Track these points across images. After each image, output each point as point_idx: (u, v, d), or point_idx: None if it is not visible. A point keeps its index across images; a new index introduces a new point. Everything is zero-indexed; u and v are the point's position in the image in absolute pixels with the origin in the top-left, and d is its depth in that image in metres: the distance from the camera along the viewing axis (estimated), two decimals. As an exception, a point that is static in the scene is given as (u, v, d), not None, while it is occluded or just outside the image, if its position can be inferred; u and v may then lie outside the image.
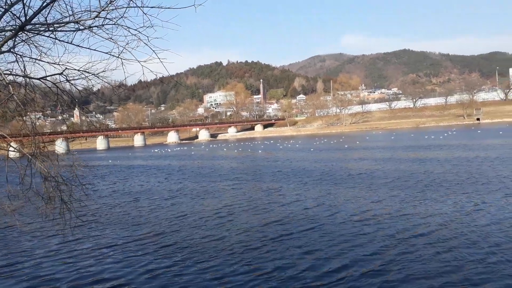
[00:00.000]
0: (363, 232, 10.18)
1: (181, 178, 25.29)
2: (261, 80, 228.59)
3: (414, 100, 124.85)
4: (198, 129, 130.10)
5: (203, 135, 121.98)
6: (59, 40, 4.96)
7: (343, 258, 8.37)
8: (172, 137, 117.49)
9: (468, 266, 7.48)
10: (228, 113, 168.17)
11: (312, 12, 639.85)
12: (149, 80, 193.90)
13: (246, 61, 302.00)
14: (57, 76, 5.15)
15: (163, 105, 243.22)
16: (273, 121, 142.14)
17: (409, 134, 61.97)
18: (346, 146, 46.00)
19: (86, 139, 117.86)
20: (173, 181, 24.36)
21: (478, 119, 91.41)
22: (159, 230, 12.09)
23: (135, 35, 4.81)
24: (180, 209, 15.14)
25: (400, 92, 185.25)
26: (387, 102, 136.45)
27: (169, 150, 69.01)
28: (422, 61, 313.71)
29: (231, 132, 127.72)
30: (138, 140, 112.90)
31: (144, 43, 4.82)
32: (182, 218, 13.49)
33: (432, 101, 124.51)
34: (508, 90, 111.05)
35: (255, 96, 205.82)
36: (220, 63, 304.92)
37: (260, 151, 48.03)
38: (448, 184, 16.26)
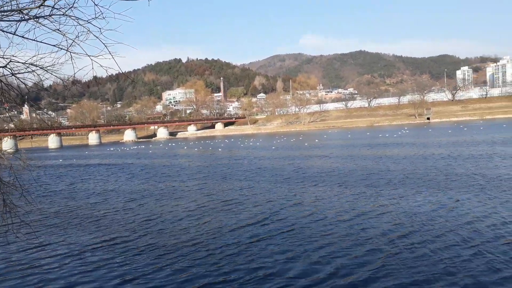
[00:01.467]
0: (335, 231, 10.32)
1: (144, 178, 24.59)
2: (221, 78, 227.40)
3: (369, 100, 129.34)
4: (156, 127, 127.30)
5: (162, 133, 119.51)
6: (2, 31, 4.55)
7: (318, 259, 8.45)
8: (129, 135, 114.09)
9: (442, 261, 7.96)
10: (188, 111, 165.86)
11: (272, 12, 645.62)
12: (104, 76, 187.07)
13: (206, 59, 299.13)
14: (1, 70, 4.73)
15: (119, 102, 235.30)
16: (233, 119, 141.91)
17: (365, 132, 64.09)
18: (306, 144, 46.80)
19: (32, 137, 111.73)
20: (135, 181, 23.70)
21: (428, 118, 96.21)
22: (126, 233, 11.56)
23: (84, 26, 4.48)
24: (147, 210, 14.63)
25: (356, 92, 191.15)
26: (343, 102, 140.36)
27: (126, 149, 67.02)
28: (376, 63, 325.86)
29: (191, 131, 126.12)
30: (92, 138, 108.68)
31: (95, 36, 4.51)
32: (150, 220, 13.01)
33: (385, 101, 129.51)
34: (455, 91, 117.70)
35: (215, 94, 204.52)
36: (180, 60, 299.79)
37: (220, 150, 47.80)
38: (412, 180, 16.96)
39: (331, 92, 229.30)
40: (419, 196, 13.70)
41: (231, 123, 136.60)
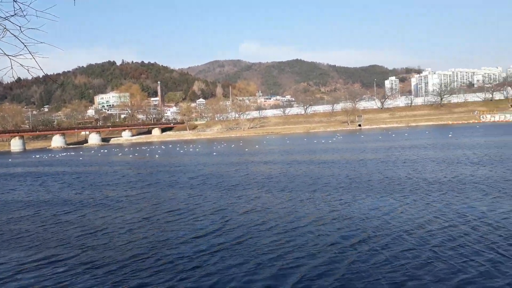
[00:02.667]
0: (290, 240, 10.06)
1: (79, 188, 22.44)
2: (158, 82, 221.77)
3: (305, 107, 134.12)
4: (87, 132, 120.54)
5: (94, 139, 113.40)
6: None
7: (277, 271, 8.06)
8: (57, 141, 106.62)
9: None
10: (123, 116, 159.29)
11: (212, 17, 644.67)
12: (30, 78, 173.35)
13: (143, 62, 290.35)
14: None
15: (47, 106, 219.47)
16: (172, 125, 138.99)
17: (303, 138, 66.06)
18: (247, 149, 47.11)
19: None
20: (70, 191, 21.61)
21: (359, 125, 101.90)
22: (65, 249, 10.34)
23: (1, 24, 4.12)
24: (86, 223, 13.31)
25: (293, 99, 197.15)
26: (281, 109, 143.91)
27: (54, 156, 62.47)
28: (312, 71, 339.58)
29: (126, 136, 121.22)
30: (15, 144, 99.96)
31: (13, 34, 4.15)
32: (90, 233, 11.80)
33: (320, 108, 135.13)
34: (384, 100, 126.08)
35: (152, 99, 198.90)
36: (114, 63, 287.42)
37: (158, 156, 46.42)
38: (358, 185, 17.38)
39: (270, 99, 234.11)
40: (368, 200, 13.88)
41: (169, 129, 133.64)
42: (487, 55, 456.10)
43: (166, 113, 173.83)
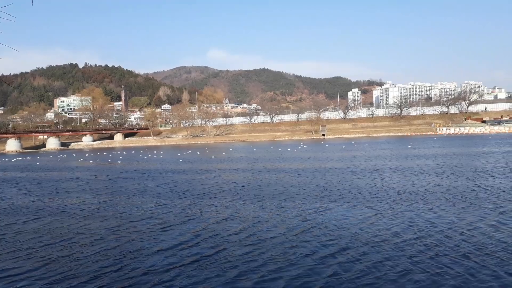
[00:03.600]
0: (267, 249, 9.89)
1: (38, 195, 21.13)
2: (122, 87, 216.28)
3: (272, 116, 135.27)
4: (46, 136, 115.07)
5: (52, 143, 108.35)
6: None
7: (253, 284, 7.84)
8: (12, 145, 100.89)
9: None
10: (84, 120, 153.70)
11: (179, 23, 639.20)
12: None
13: (106, 65, 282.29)
14: None
15: (1, 108, 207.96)
16: (135, 130, 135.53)
17: (270, 146, 66.34)
18: (213, 157, 46.57)
19: None
20: (28, 197, 20.29)
21: (323, 134, 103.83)
22: (27, 262, 9.55)
23: None
24: (48, 232, 12.37)
25: (260, 108, 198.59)
26: (248, 117, 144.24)
27: (9, 160, 58.93)
28: (278, 81, 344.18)
29: (86, 141, 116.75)
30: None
31: None
32: (54, 244, 10.99)
33: (286, 117, 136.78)
34: (346, 111, 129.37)
35: (115, 103, 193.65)
36: (76, 65, 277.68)
37: (120, 162, 44.91)
38: (330, 193, 17.43)
39: (237, 106, 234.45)
40: (341, 209, 13.89)
41: (132, 134, 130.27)
42: (443, 71, 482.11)
43: (129, 118, 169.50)
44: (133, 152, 69.21)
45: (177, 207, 15.80)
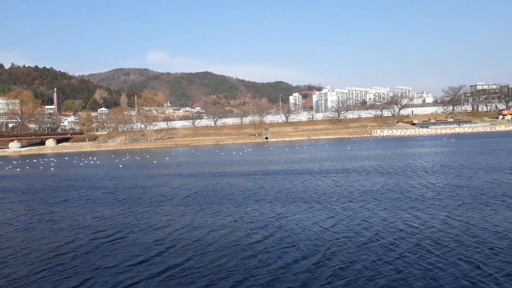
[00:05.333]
0: (233, 257, 9.48)
1: None
2: (55, 89, 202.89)
3: (215, 119, 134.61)
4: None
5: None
6: None
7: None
8: None
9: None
10: (11, 125, 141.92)
11: (117, 23, 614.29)
12: None
13: (37, 67, 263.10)
14: None
15: None
16: (69, 135, 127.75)
17: (214, 150, 65.72)
18: (155, 162, 45.15)
19: None
20: None
21: (266, 138, 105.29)
22: None
23: None
24: None
25: (203, 111, 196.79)
26: (191, 120, 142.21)
27: None
28: (222, 84, 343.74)
29: (14, 148, 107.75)
30: None
31: None
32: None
33: (230, 121, 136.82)
34: (288, 114, 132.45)
35: (47, 107, 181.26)
36: (1, 66, 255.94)
37: (53, 169, 41.98)
38: (291, 196, 17.32)
39: (179, 110, 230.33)
40: (307, 212, 13.71)
41: (66, 140, 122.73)
42: (377, 76, 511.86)
43: (63, 122, 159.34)
44: (66, 158, 65.02)
45: (121, 216, 14.75)
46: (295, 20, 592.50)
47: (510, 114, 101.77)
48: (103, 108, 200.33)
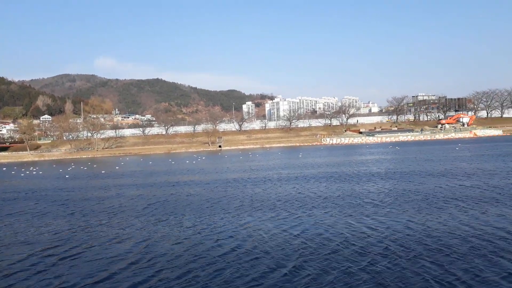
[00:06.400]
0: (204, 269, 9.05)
1: None
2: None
3: (167, 127, 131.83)
4: None
5: None
6: None
7: None
8: None
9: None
10: None
11: (63, 26, 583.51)
12: None
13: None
14: None
15: None
16: (7, 144, 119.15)
17: (166, 159, 64.11)
18: (103, 171, 43.08)
19: None
20: None
21: (220, 146, 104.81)
22: None
23: None
24: None
25: (154, 119, 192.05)
26: (141, 128, 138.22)
27: None
28: (173, 92, 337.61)
29: None
30: None
31: None
32: None
33: (182, 129, 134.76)
34: (241, 123, 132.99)
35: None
36: None
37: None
38: (255, 204, 17.03)
39: (128, 117, 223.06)
40: (278, 219, 13.63)
41: (4, 149, 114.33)
42: (326, 87, 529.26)
43: (1, 131, 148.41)
44: (4, 169, 60.39)
45: (77, 230, 13.75)
46: (248, 29, 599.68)
47: (448, 124, 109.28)
48: (46, 116, 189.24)
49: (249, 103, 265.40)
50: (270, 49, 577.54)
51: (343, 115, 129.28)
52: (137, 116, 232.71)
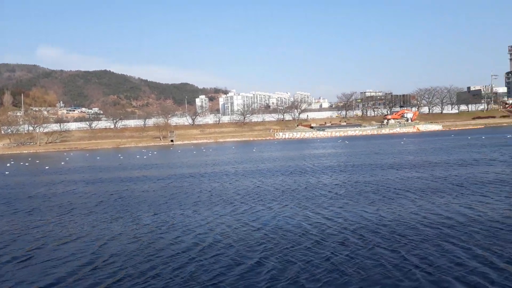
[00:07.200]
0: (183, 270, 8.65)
1: None
2: None
3: (115, 121, 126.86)
4: None
5: None
6: None
7: None
8: None
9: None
10: None
11: (1, 13, 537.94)
12: None
13: None
14: None
15: None
16: None
17: (116, 154, 61.75)
18: (47, 167, 40.62)
19: None
20: None
21: (172, 140, 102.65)
22: None
23: None
24: None
25: (101, 112, 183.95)
26: (87, 122, 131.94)
27: None
28: (123, 84, 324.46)
29: None
30: None
31: None
32: None
33: (132, 122, 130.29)
34: (194, 117, 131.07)
35: None
36: None
37: None
38: (214, 198, 16.71)
39: (74, 110, 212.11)
40: (236, 214, 13.53)
41: None
42: (279, 82, 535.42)
43: None
44: None
45: (25, 230, 12.81)
46: (201, 21, 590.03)
47: (393, 119, 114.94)
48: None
49: (203, 96, 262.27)
50: (224, 43, 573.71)
51: (296, 110, 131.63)
52: (83, 109, 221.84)
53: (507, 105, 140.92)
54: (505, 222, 10.68)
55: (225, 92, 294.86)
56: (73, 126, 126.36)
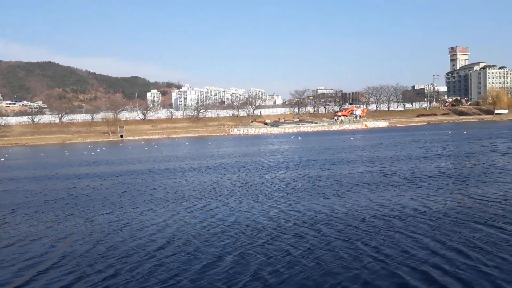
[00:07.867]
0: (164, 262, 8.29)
1: None
2: None
3: (61, 115, 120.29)
4: None
5: None
6: None
7: None
8: None
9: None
10: None
11: None
12: None
13: None
14: None
15: None
16: None
17: (61, 150, 58.59)
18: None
19: None
20: None
21: (122, 136, 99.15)
22: None
23: None
24: None
25: (45, 106, 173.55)
26: (30, 116, 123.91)
27: None
28: (68, 77, 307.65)
29: None
30: None
31: None
32: None
33: (79, 117, 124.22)
34: (146, 111, 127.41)
35: None
36: None
37: None
38: (176, 195, 16.38)
39: (15, 104, 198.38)
40: (204, 210, 13.45)
41: None
42: (234, 78, 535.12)
43: None
44: None
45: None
46: (152, 12, 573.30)
47: (343, 116, 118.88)
48: None
49: (154, 91, 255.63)
50: (178, 35, 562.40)
51: (250, 107, 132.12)
52: (25, 102, 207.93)
53: (447, 103, 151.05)
54: (447, 213, 11.47)
55: (178, 87, 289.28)
56: (13, 120, 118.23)
